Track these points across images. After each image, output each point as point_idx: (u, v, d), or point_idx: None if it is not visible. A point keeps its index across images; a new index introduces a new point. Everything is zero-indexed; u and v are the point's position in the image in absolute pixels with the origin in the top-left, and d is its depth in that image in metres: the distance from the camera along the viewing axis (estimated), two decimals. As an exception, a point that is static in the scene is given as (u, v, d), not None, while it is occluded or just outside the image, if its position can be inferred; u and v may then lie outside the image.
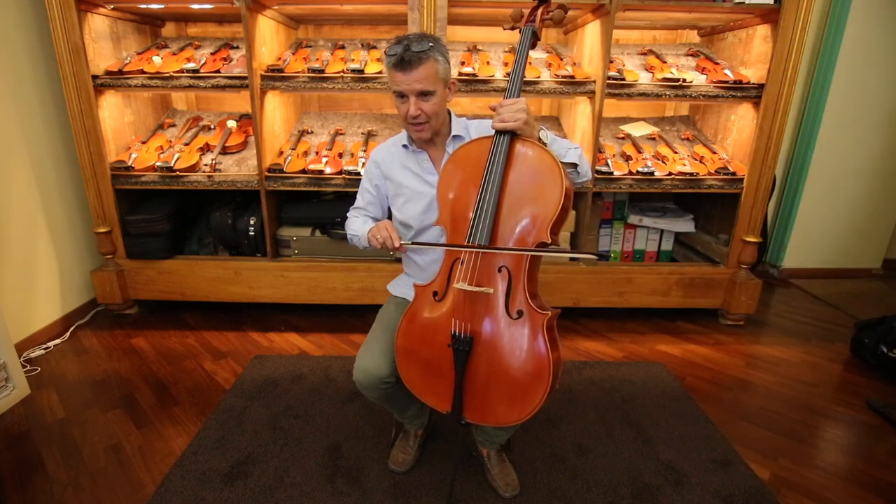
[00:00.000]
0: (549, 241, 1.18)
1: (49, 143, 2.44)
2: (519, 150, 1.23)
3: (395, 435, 1.70)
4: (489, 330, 1.22)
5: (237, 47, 2.63)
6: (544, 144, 1.24)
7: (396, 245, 1.30)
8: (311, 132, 2.79)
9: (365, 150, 2.53)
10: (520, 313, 1.19)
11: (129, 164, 2.42)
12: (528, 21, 1.38)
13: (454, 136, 1.42)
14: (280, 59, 2.48)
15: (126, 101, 2.60)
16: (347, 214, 1.60)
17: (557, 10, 1.38)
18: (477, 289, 1.20)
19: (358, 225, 1.50)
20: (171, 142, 2.63)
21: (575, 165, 1.32)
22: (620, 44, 2.84)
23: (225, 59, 2.48)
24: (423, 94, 1.29)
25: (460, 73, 2.32)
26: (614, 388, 2.07)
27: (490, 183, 1.21)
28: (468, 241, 1.21)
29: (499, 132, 1.22)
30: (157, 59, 2.44)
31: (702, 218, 2.88)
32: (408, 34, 1.30)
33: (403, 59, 1.24)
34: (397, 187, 1.48)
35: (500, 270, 1.22)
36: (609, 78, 2.33)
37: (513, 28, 1.43)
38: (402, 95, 1.30)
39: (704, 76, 2.46)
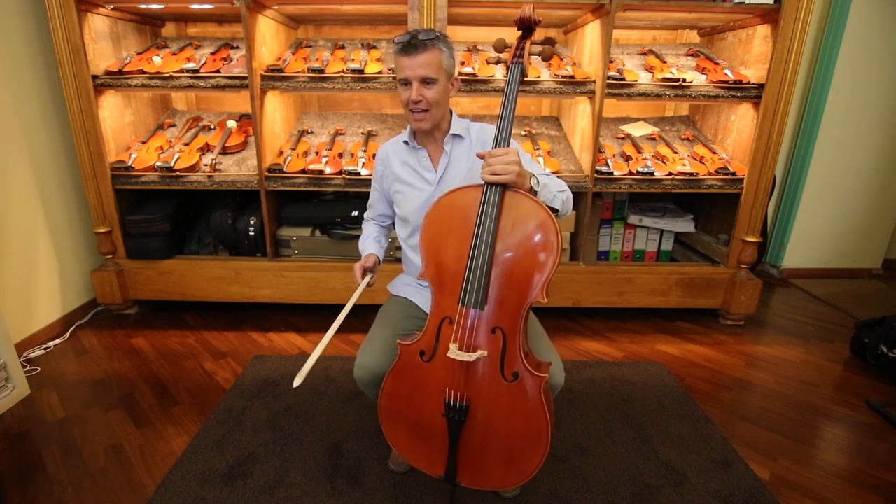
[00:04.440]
0: (545, 301, 1.12)
1: (49, 143, 2.44)
2: (510, 203, 1.14)
3: (395, 435, 1.70)
4: (484, 395, 1.15)
5: (237, 47, 2.63)
6: (535, 192, 1.18)
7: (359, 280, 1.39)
8: (311, 132, 2.79)
9: (365, 150, 2.53)
10: (515, 375, 1.14)
11: (129, 164, 2.42)
12: (516, 58, 1.28)
13: (453, 135, 1.42)
14: (280, 59, 2.48)
15: (126, 101, 2.60)
16: (364, 216, 1.69)
17: (545, 47, 1.28)
18: (473, 357, 1.12)
19: (363, 238, 1.59)
20: (171, 142, 2.62)
21: (556, 210, 1.27)
22: (620, 44, 2.84)
23: (225, 59, 2.48)
24: (426, 82, 1.30)
25: (460, 73, 2.31)
26: (614, 388, 2.07)
27: (482, 240, 1.13)
28: (460, 303, 1.15)
29: (489, 184, 1.14)
30: (157, 59, 2.44)
31: (702, 218, 2.88)
32: (417, 28, 1.31)
33: (409, 44, 1.27)
34: (397, 182, 1.49)
35: (494, 332, 1.15)
36: (609, 78, 2.33)
37: (497, 62, 1.37)
38: (405, 83, 1.32)
39: (704, 76, 2.46)
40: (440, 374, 1.19)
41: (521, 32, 1.32)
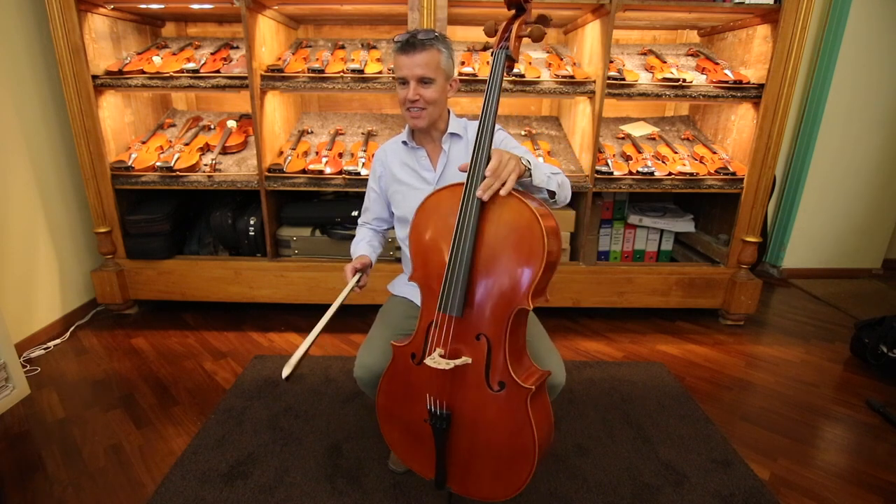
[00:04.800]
0: (531, 307, 1.06)
1: (49, 143, 2.44)
2: (493, 204, 1.06)
3: (394, 435, 1.69)
4: (468, 404, 1.11)
5: (237, 47, 2.63)
6: (530, 173, 1.12)
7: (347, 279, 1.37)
8: (311, 132, 2.79)
9: (365, 150, 2.53)
10: (501, 385, 1.08)
11: (129, 164, 2.42)
12: (502, 41, 1.19)
13: (451, 134, 1.42)
14: (280, 59, 2.48)
15: (126, 101, 2.60)
16: (358, 221, 1.66)
17: (536, 26, 1.17)
18: (450, 366, 1.07)
19: (355, 241, 1.56)
20: (171, 142, 2.63)
21: (553, 194, 1.21)
22: (620, 44, 2.84)
23: (225, 59, 2.48)
24: (424, 81, 1.30)
25: (460, 73, 2.31)
26: (614, 388, 2.07)
27: (460, 243, 1.07)
28: (438, 309, 1.12)
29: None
30: (157, 59, 2.44)
31: (702, 218, 2.88)
32: (417, 28, 1.29)
33: (408, 43, 1.28)
34: (396, 182, 1.49)
35: (478, 338, 1.10)
36: (609, 78, 2.33)
37: (484, 48, 1.33)
38: (403, 82, 1.32)
39: (704, 76, 2.46)
40: (427, 378, 1.16)
41: (512, 13, 1.22)
